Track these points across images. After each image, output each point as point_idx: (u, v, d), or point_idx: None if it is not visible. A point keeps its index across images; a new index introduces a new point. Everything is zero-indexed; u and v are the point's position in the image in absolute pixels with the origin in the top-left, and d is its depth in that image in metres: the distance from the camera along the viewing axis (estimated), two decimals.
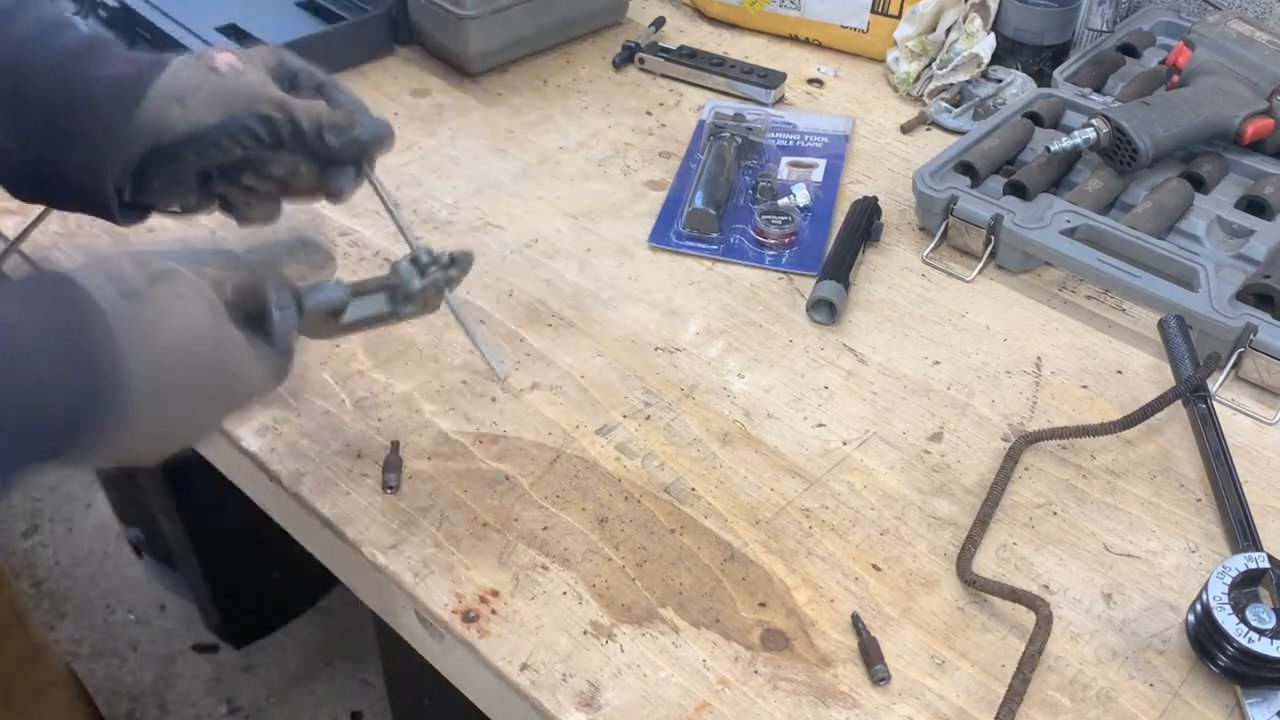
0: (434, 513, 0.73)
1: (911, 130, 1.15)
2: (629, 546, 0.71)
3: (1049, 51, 1.19)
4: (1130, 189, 1.00)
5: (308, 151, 0.66)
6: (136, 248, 0.57)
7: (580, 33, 1.27)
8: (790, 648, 0.66)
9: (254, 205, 0.69)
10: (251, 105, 0.64)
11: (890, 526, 0.74)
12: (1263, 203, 0.97)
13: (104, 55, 0.64)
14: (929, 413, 0.82)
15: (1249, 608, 0.63)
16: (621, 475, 0.76)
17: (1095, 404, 0.84)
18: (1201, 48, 1.05)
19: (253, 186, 0.68)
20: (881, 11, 1.23)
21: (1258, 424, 0.83)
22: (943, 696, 0.64)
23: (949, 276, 0.96)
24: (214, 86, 0.64)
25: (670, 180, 1.05)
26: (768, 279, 0.95)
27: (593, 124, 1.13)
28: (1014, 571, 0.71)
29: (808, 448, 0.79)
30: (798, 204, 1.01)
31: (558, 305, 0.90)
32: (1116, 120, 0.97)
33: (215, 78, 0.64)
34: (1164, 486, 0.78)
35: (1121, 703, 0.64)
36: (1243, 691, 0.64)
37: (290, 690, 1.63)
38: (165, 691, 1.63)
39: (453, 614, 0.67)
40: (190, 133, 0.63)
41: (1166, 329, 0.84)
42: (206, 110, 0.63)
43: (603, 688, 0.63)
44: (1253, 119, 1.00)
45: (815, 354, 0.87)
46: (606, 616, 0.67)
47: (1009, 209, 0.95)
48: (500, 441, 0.78)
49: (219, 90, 0.64)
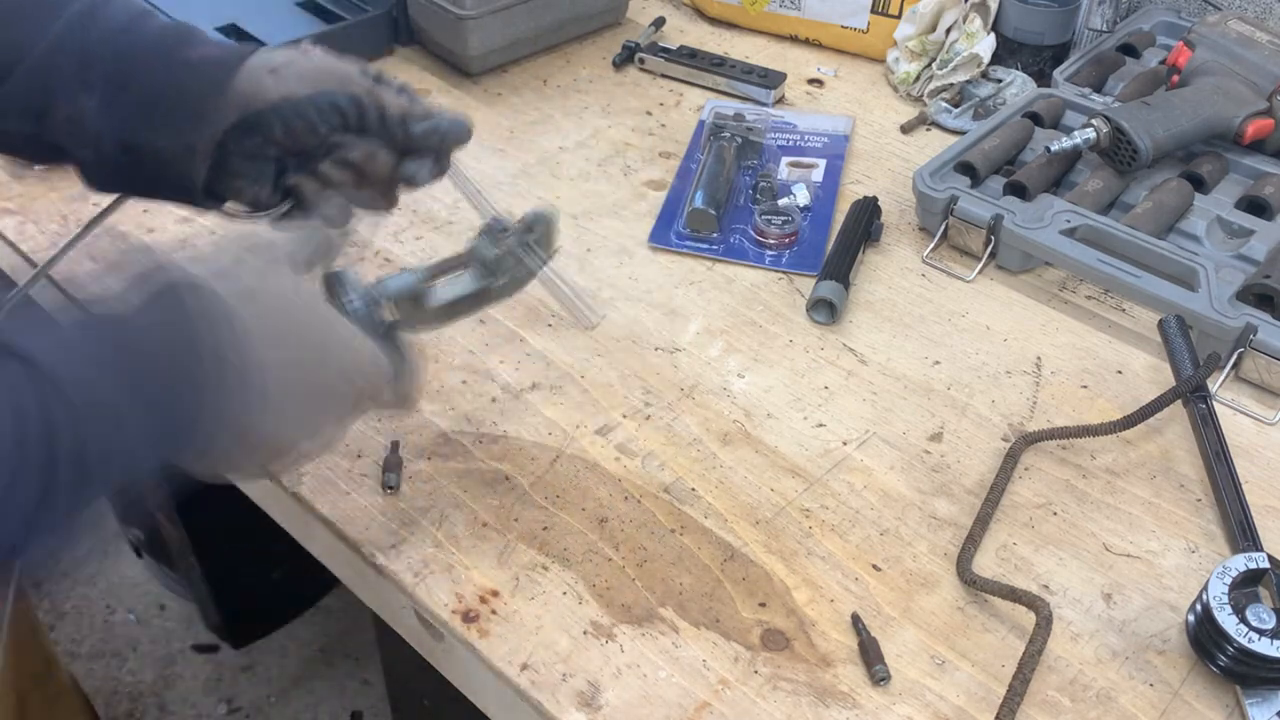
0: (434, 513, 0.73)
1: (911, 130, 1.15)
2: (629, 546, 0.71)
3: (1049, 51, 1.19)
4: (1130, 189, 1.00)
5: (390, 137, 0.67)
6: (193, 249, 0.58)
7: (580, 33, 1.27)
8: (790, 648, 0.66)
9: (328, 202, 0.70)
10: (343, 84, 0.66)
11: (890, 526, 0.74)
12: (1263, 203, 0.97)
13: (196, 39, 0.66)
14: (929, 413, 0.82)
15: (1249, 608, 0.63)
16: (621, 475, 0.76)
17: (1095, 404, 0.84)
18: (1201, 48, 1.05)
19: (328, 175, 0.68)
20: (881, 11, 1.23)
21: (1258, 424, 0.83)
22: (943, 696, 0.64)
23: (949, 276, 0.96)
24: (309, 63, 0.66)
25: (670, 180, 1.05)
26: (768, 279, 0.95)
27: (593, 124, 1.13)
28: (1014, 571, 0.71)
29: (808, 448, 0.79)
30: (798, 204, 1.01)
31: (557, 305, 0.90)
32: (1116, 120, 0.97)
33: (312, 56, 0.67)
34: (1164, 486, 0.78)
35: (1121, 703, 0.64)
36: (1243, 691, 0.64)
37: (290, 690, 1.63)
38: (165, 691, 1.63)
39: (453, 614, 0.67)
40: (279, 101, 0.65)
41: (1166, 329, 0.84)
42: (299, 82, 0.65)
43: (603, 688, 0.63)
44: (1253, 119, 1.00)
45: (815, 354, 0.87)
46: (606, 616, 0.67)
47: (1009, 209, 0.95)
48: (500, 441, 0.78)
49: (313, 66, 0.66)
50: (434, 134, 0.68)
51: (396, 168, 0.69)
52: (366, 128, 0.67)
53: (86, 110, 0.63)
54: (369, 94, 0.67)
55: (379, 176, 0.69)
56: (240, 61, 0.65)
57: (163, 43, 0.65)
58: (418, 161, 0.69)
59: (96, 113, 0.63)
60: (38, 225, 0.93)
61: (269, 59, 0.66)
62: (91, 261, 0.89)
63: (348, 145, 0.67)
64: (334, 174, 0.68)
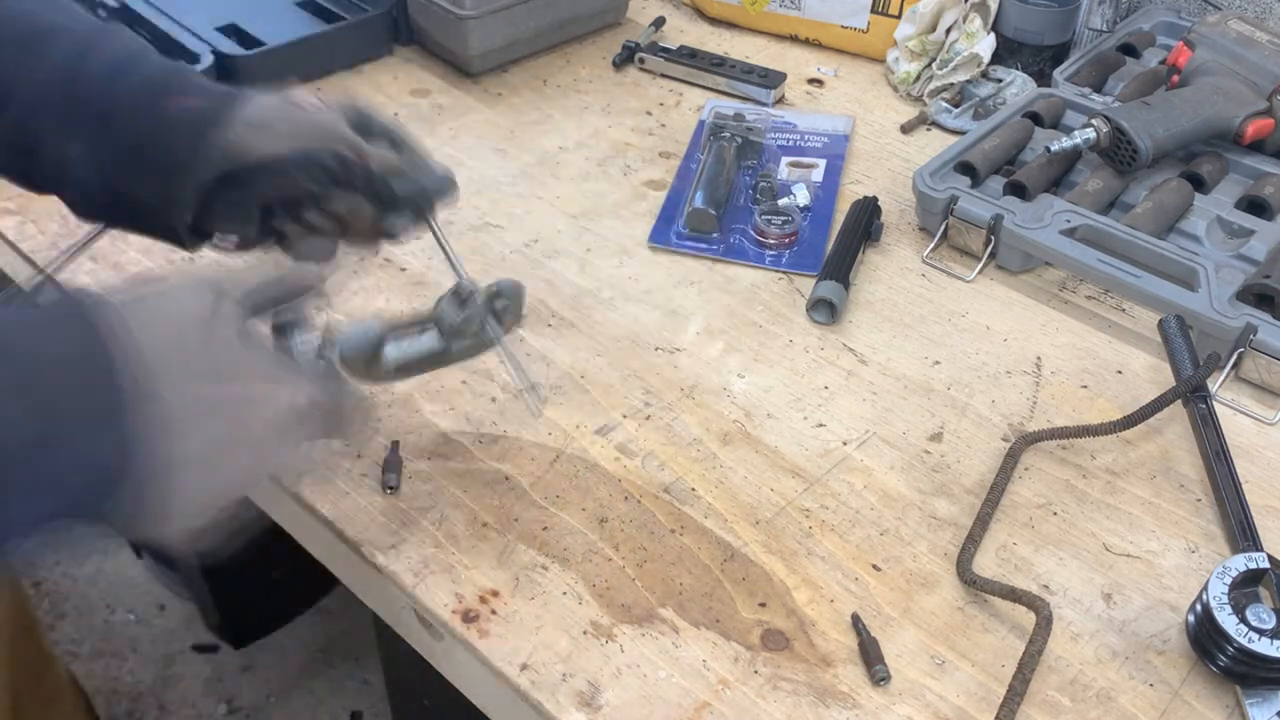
0: (434, 513, 0.73)
1: (911, 130, 1.15)
2: (629, 546, 0.71)
3: (1049, 51, 1.19)
4: (1130, 189, 1.00)
5: (373, 193, 0.67)
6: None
7: (580, 33, 1.27)
8: (790, 648, 0.66)
9: (311, 243, 0.70)
10: (327, 141, 0.66)
11: (890, 526, 0.74)
12: (1263, 203, 0.97)
13: (181, 87, 0.65)
14: (929, 413, 0.82)
15: (1249, 608, 0.63)
16: (621, 475, 0.76)
17: (1095, 404, 0.84)
18: (1201, 48, 1.05)
19: (312, 223, 0.68)
20: (881, 11, 1.23)
21: (1258, 424, 0.83)
22: (943, 696, 0.64)
23: (949, 276, 0.96)
24: (295, 119, 0.66)
25: (670, 180, 1.05)
26: (768, 279, 0.95)
27: (593, 124, 1.13)
28: (1014, 571, 0.71)
29: (808, 448, 0.79)
30: (798, 204, 1.01)
31: (557, 305, 0.90)
32: (1116, 120, 0.97)
33: (296, 111, 0.66)
34: (1164, 486, 0.78)
35: (1121, 703, 0.64)
36: (1243, 691, 0.64)
37: (290, 690, 1.63)
38: (165, 691, 1.63)
39: (453, 614, 0.67)
40: (264, 160, 0.64)
41: (1166, 329, 0.84)
42: (284, 140, 0.65)
43: (603, 688, 0.63)
44: (1253, 119, 1.00)
45: (815, 354, 0.87)
46: (606, 616, 0.67)
47: (1009, 209, 0.95)
48: (500, 441, 0.78)
49: (299, 122, 0.66)
50: (418, 193, 0.69)
51: (380, 216, 0.69)
52: (351, 183, 0.67)
53: (71, 156, 0.63)
54: (355, 149, 0.66)
55: (361, 229, 0.69)
56: (223, 113, 0.64)
57: (149, 91, 0.64)
58: (399, 216, 0.69)
59: (81, 160, 0.63)
60: (37, 225, 0.93)
61: (253, 113, 0.65)
62: (92, 262, 0.89)
63: (332, 198, 0.67)
64: (319, 222, 0.68)
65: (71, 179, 0.64)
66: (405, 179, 0.68)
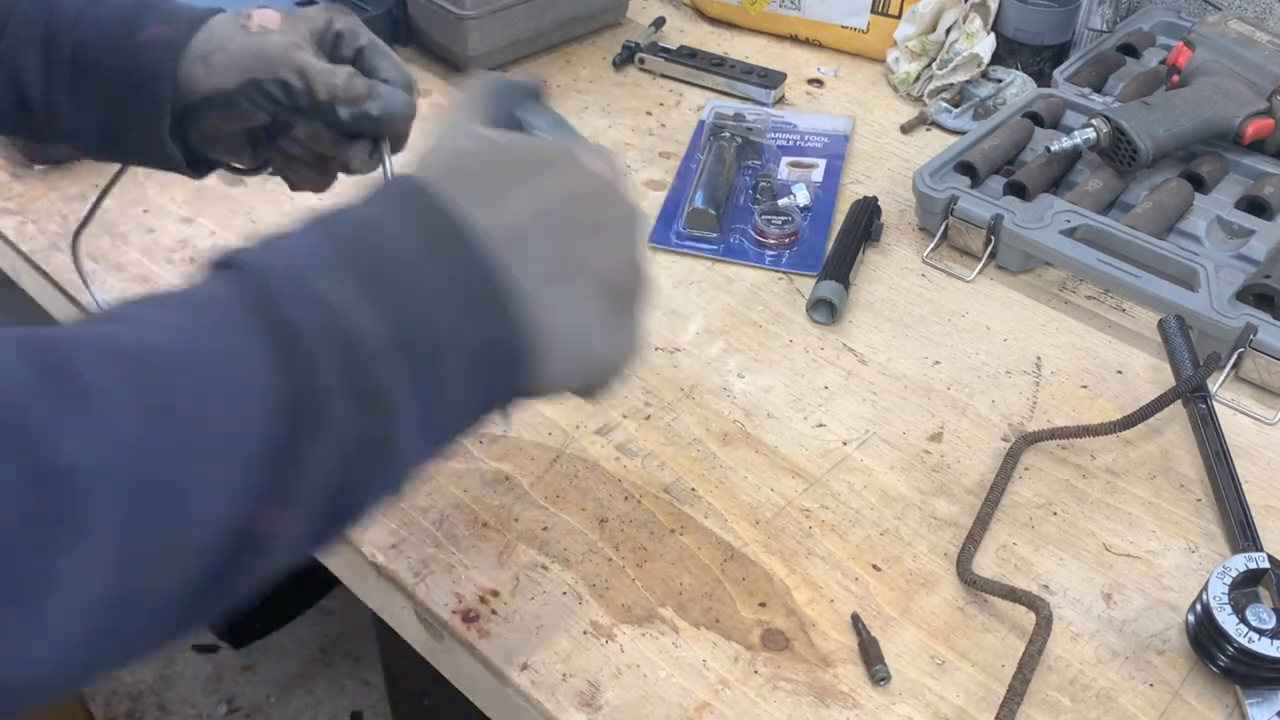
0: (434, 513, 0.73)
1: (911, 130, 1.15)
2: (629, 546, 0.71)
3: (1049, 51, 1.19)
4: (1130, 189, 1.00)
5: (325, 121, 0.64)
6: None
7: (580, 33, 1.27)
8: (790, 648, 0.66)
9: (297, 170, 0.69)
10: (272, 69, 0.63)
11: (890, 526, 0.74)
12: (1263, 203, 0.97)
13: (147, 17, 0.63)
14: (929, 413, 0.82)
15: (1249, 608, 0.63)
16: (621, 475, 0.76)
17: (1095, 404, 0.84)
18: (1201, 48, 1.05)
19: (291, 152, 0.67)
20: (881, 11, 1.23)
21: (1258, 424, 0.83)
22: (943, 696, 0.64)
23: (949, 276, 0.96)
24: (238, 47, 0.63)
25: (670, 180, 1.05)
26: (768, 279, 0.95)
27: (593, 124, 1.13)
28: (1014, 571, 0.71)
29: (808, 448, 0.79)
30: (798, 204, 1.01)
31: None
32: (1116, 120, 0.97)
33: (242, 37, 0.64)
34: (1164, 486, 0.78)
35: (1121, 703, 0.64)
36: (1243, 691, 0.64)
37: (290, 690, 1.63)
38: (165, 691, 1.63)
39: (453, 614, 0.67)
40: (210, 93, 0.63)
41: (1166, 329, 0.84)
42: (227, 72, 0.63)
43: (603, 688, 0.63)
44: (1253, 119, 1.00)
45: (815, 354, 0.87)
46: (606, 616, 0.67)
47: (1009, 209, 0.95)
48: (500, 441, 0.78)
49: (243, 51, 0.63)
50: (363, 120, 0.64)
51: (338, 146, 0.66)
52: (300, 110, 0.64)
53: (60, 106, 0.63)
54: (300, 74, 0.63)
55: (325, 157, 0.67)
56: (182, 45, 0.62)
57: (114, 27, 0.63)
58: (354, 145, 0.66)
59: (70, 109, 0.63)
60: (38, 225, 0.93)
61: (205, 43, 0.63)
62: (92, 262, 0.89)
63: (297, 123, 0.66)
64: (297, 152, 0.68)
65: (68, 129, 0.64)
66: (352, 104, 0.63)
